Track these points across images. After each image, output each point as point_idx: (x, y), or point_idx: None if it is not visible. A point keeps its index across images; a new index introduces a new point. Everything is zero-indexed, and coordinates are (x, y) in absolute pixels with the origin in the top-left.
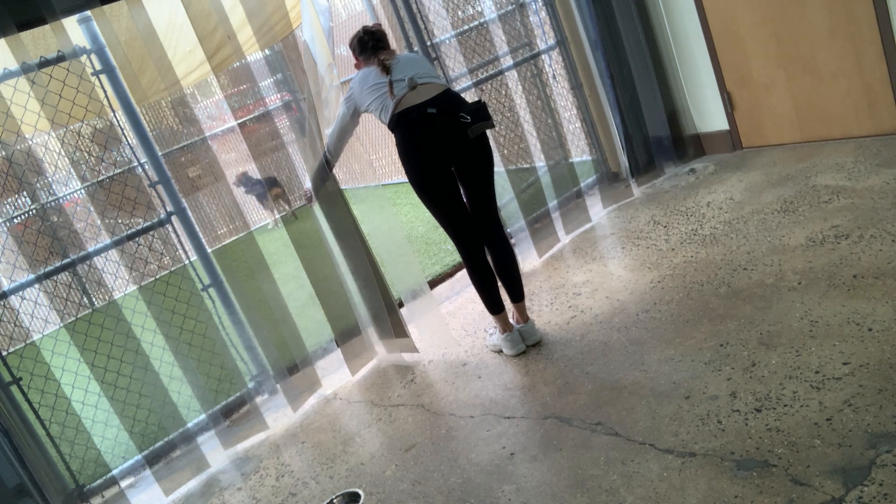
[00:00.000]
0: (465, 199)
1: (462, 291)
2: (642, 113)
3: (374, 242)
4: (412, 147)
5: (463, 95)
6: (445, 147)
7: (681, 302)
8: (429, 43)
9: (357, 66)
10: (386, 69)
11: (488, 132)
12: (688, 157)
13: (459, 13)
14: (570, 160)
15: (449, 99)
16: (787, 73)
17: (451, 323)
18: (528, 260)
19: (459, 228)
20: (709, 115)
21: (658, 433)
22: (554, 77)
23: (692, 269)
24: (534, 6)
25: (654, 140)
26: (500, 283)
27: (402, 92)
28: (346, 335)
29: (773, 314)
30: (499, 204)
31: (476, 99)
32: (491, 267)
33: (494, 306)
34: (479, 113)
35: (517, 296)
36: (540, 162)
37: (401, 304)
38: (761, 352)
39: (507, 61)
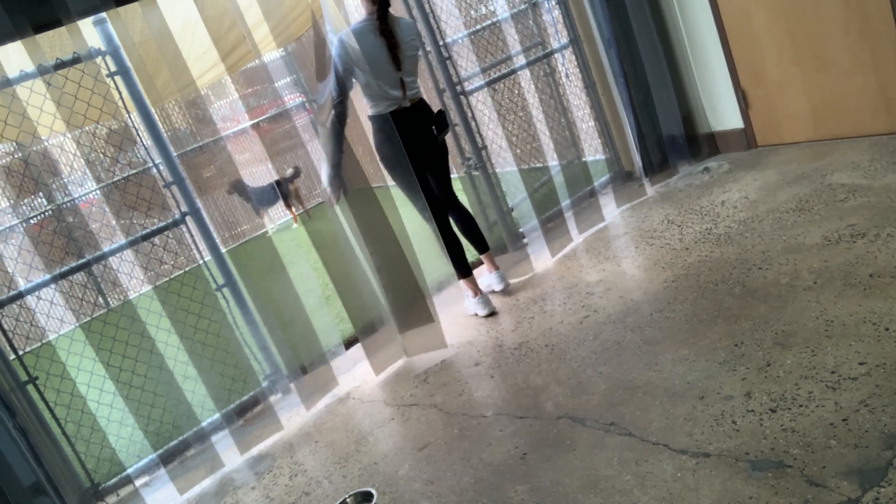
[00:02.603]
0: (431, 182)
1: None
2: (656, 111)
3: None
4: (396, 140)
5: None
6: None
7: (695, 301)
8: (441, 43)
9: None
10: (397, 63)
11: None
12: (702, 156)
13: (472, 12)
14: (584, 159)
15: (424, 108)
16: (801, 71)
17: (463, 323)
18: (541, 259)
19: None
20: (723, 113)
21: (672, 433)
22: (567, 76)
23: (706, 269)
24: (546, 5)
25: (667, 139)
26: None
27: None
28: (367, 331)
29: (789, 314)
30: (512, 203)
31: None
32: (457, 236)
33: (462, 270)
34: (443, 123)
35: (483, 247)
36: (553, 161)
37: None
38: (776, 352)
39: (520, 60)
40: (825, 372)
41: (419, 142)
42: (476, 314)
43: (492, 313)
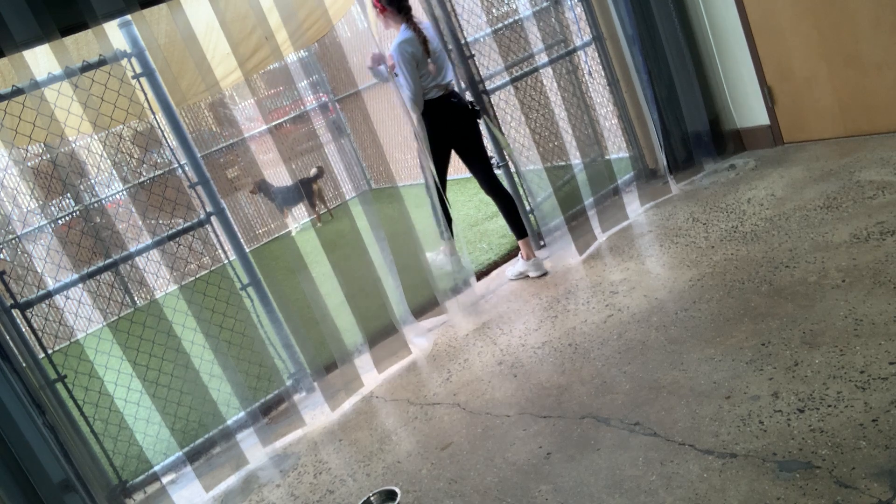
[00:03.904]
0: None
1: (497, 290)
2: (680, 108)
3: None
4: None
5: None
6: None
7: (721, 300)
8: (463, 41)
9: (382, 13)
10: (435, 62)
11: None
12: (727, 153)
13: (494, 11)
14: (607, 157)
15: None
16: (829, 66)
17: (487, 321)
18: (565, 258)
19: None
20: (749, 109)
21: (698, 433)
22: (590, 73)
23: (733, 267)
24: (569, 2)
25: (692, 136)
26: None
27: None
28: (389, 330)
29: (817, 313)
30: (536, 202)
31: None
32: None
33: (520, 232)
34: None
35: (521, 233)
36: (576, 159)
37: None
38: (804, 351)
39: (543, 58)
40: (854, 372)
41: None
42: (528, 276)
43: (544, 274)
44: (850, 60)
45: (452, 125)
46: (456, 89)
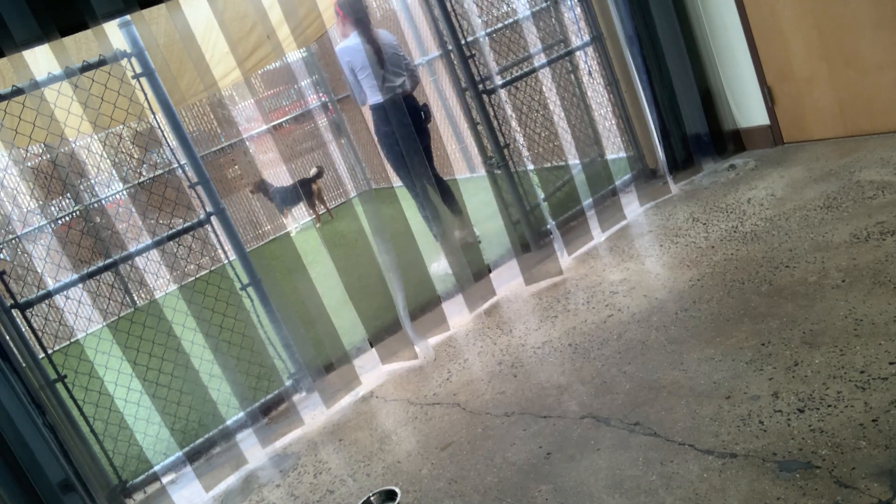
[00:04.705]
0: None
1: (498, 290)
2: (680, 108)
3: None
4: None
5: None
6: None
7: (721, 300)
8: (463, 42)
9: (343, 20)
10: (381, 62)
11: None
12: (727, 153)
13: (494, 11)
14: (606, 157)
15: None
16: (829, 66)
17: (486, 322)
18: (563, 259)
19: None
20: (748, 109)
21: (698, 433)
22: (590, 73)
23: (732, 267)
24: (568, 2)
25: (692, 136)
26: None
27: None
28: (389, 330)
29: (817, 312)
30: (535, 202)
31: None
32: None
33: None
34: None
35: (457, 211)
36: (575, 159)
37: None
38: (804, 351)
39: (542, 59)
40: (854, 371)
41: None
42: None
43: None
44: (851, 60)
45: (400, 126)
46: (410, 92)
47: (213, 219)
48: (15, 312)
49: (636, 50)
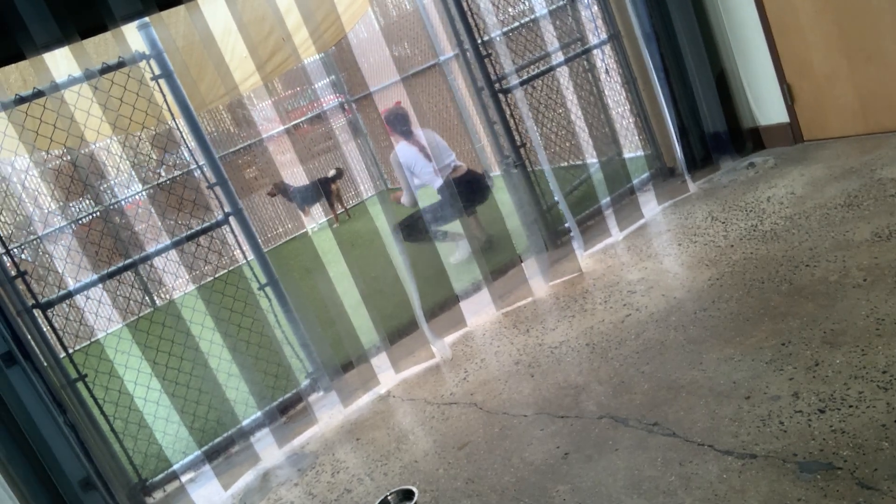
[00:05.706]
0: None
1: (515, 290)
2: (698, 107)
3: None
4: None
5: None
6: None
7: (740, 300)
8: (479, 41)
9: (391, 133)
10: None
11: None
12: (746, 151)
13: (510, 10)
14: (623, 156)
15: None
16: (850, 63)
17: (503, 321)
18: (581, 257)
19: None
20: (768, 107)
21: (717, 434)
22: (607, 72)
23: (752, 266)
24: (585, 0)
25: (710, 134)
26: None
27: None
28: (406, 330)
29: (837, 312)
30: (552, 201)
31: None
32: None
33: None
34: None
35: (471, 211)
36: (592, 158)
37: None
38: (825, 351)
39: (559, 57)
40: (876, 372)
41: None
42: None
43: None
44: (872, 56)
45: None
46: (463, 167)
47: (232, 219)
48: (36, 312)
49: (654, 47)
